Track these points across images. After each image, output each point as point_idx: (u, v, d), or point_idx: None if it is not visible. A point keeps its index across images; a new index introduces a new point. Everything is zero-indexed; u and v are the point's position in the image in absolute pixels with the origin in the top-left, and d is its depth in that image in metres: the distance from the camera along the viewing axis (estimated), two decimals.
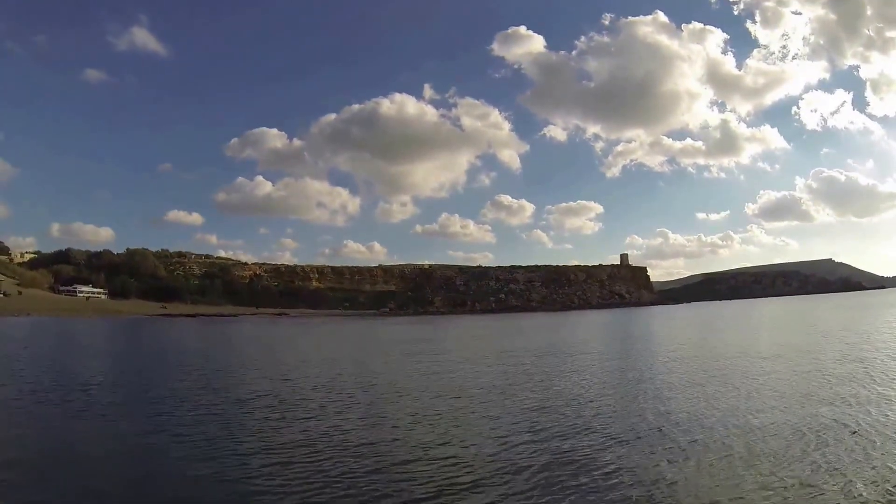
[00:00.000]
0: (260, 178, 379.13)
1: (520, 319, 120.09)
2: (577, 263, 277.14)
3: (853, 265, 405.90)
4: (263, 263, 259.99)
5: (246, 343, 56.12)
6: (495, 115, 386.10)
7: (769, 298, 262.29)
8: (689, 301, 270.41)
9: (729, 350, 33.96)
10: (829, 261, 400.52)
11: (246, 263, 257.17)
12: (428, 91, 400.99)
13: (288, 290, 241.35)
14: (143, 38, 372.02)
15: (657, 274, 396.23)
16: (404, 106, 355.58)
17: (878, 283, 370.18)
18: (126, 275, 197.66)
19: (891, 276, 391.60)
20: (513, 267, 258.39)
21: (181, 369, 29.51)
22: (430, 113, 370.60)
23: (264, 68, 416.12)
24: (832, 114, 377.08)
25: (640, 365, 29.61)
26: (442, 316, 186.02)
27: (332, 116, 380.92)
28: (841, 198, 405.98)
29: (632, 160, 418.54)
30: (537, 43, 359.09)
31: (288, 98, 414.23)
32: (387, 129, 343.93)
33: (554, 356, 34.47)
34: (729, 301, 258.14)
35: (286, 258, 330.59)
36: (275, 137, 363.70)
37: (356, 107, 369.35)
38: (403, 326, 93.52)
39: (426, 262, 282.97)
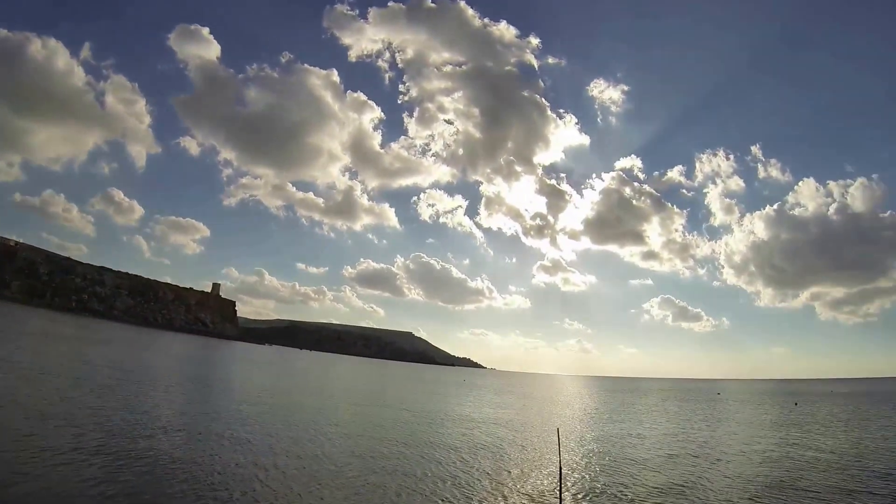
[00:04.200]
0: None
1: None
2: (169, 281, 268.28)
3: (431, 342, 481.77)
4: None
5: None
6: (141, 105, 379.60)
7: (348, 356, 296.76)
8: (271, 343, 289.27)
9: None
10: (410, 334, 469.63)
11: None
12: (86, 51, 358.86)
13: None
14: None
15: (246, 310, 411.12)
16: (55, 55, 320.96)
17: (450, 360, 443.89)
18: None
19: (460, 356, 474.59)
20: (103, 268, 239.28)
21: None
22: (79, 76, 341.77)
23: None
24: (446, 213, 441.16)
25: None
26: (19, 306, 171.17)
27: None
28: (433, 283, 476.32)
29: (252, 195, 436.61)
30: (213, 51, 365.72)
31: None
32: (27, 73, 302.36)
33: None
34: (310, 351, 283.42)
35: None
36: None
37: (3, 32, 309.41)
38: None
39: (14, 238, 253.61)
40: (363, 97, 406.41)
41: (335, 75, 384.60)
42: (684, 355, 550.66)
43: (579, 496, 17.30)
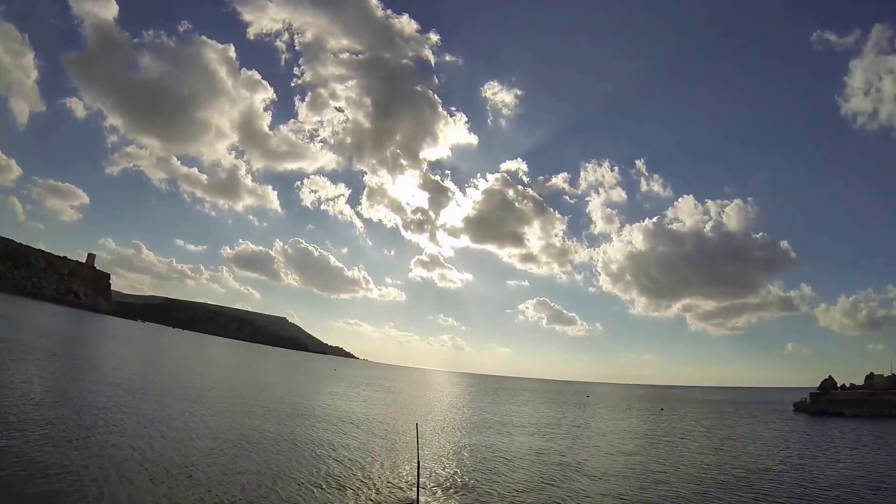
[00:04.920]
0: None
1: None
2: (42, 248, 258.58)
3: (304, 328, 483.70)
4: None
5: None
6: (29, 59, 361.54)
7: (222, 338, 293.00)
8: (144, 320, 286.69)
9: None
10: (284, 319, 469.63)
11: None
12: None
13: None
14: None
15: (120, 284, 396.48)
16: None
17: (322, 348, 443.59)
18: None
19: (333, 345, 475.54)
20: None
21: None
22: None
23: None
24: (328, 200, 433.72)
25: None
26: None
27: None
28: (310, 269, 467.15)
29: (136, 166, 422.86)
30: (111, 10, 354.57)
31: None
32: None
33: None
34: (183, 330, 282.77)
35: None
36: None
37: None
38: None
39: None
40: (257, 76, 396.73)
41: (232, 51, 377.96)
42: (557, 357, 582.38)
43: (436, 489, 18.53)
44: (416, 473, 17.52)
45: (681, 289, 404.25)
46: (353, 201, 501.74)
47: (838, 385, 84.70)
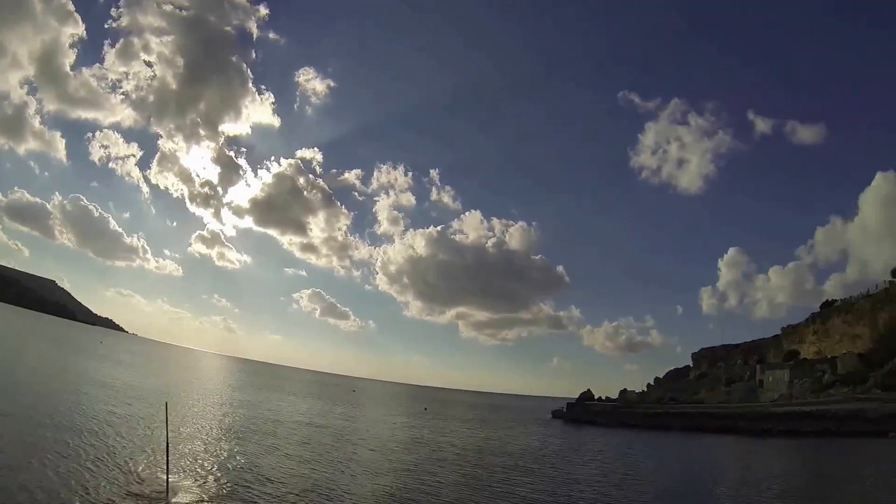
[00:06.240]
0: None
1: None
2: None
3: (74, 294, 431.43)
4: None
5: None
6: None
7: None
8: None
9: None
10: (53, 283, 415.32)
11: None
12: None
13: None
14: None
15: None
16: None
17: (91, 319, 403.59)
18: None
19: (103, 316, 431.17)
20: None
21: None
22: None
23: None
24: (118, 158, 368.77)
25: None
26: None
27: None
28: (87, 231, 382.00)
29: None
30: None
31: None
32: None
33: None
34: None
35: None
36: None
37: None
38: None
39: None
40: (71, 7, 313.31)
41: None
42: (328, 349, 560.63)
43: (187, 472, 18.58)
44: (165, 457, 16.38)
45: (457, 297, 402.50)
46: (144, 165, 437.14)
47: (595, 397, 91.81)
